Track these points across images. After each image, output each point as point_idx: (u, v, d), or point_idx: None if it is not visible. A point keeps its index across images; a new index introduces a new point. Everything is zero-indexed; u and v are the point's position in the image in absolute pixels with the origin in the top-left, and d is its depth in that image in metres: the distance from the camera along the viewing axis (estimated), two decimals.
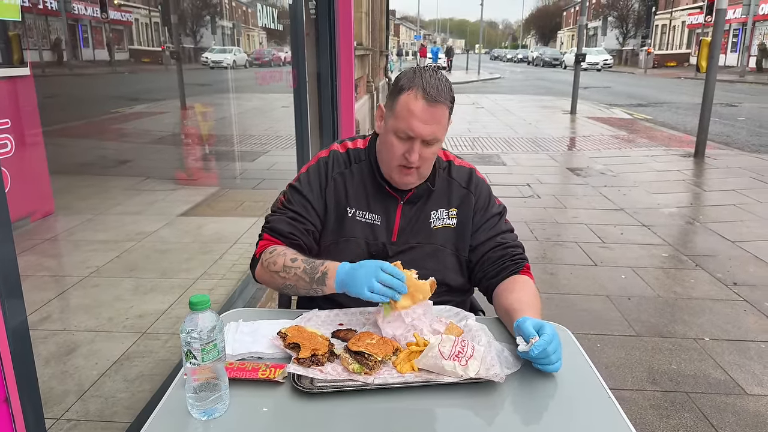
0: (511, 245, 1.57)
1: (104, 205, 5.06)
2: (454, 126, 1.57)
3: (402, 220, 1.53)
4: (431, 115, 1.37)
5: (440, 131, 1.41)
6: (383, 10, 13.58)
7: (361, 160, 1.56)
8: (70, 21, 4.53)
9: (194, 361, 1.03)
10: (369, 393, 1.14)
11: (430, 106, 1.37)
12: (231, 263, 3.78)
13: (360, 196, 1.53)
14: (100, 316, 3.01)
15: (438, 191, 1.55)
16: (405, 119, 1.38)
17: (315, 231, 1.53)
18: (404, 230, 1.53)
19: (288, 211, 1.53)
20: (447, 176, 1.58)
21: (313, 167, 1.57)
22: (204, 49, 6.65)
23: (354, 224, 1.52)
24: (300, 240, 1.50)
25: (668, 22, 44.74)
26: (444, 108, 1.40)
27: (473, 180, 1.59)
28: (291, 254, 1.43)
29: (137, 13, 5.56)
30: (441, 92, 1.38)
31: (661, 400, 2.56)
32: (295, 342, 1.22)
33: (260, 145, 7.58)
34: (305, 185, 1.54)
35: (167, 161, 6.65)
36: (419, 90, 1.37)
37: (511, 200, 5.77)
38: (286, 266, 1.41)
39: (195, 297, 1.03)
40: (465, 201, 1.56)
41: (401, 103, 1.39)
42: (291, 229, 1.50)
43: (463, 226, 1.55)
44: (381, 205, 1.53)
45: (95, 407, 2.29)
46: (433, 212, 1.54)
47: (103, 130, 6.24)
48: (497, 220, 1.58)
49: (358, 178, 1.55)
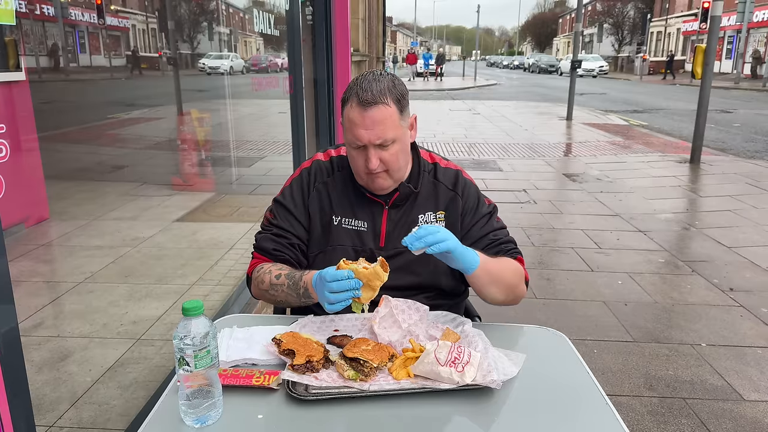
0: (504, 241, 1.58)
1: (100, 211, 5.04)
2: (451, 131, 1.56)
3: (389, 225, 1.53)
4: (370, 119, 1.38)
5: (387, 131, 1.39)
6: (380, 17, 13.64)
7: (344, 168, 1.57)
8: (67, 27, 4.54)
9: (187, 368, 1.02)
10: (364, 400, 1.13)
11: (366, 110, 1.38)
12: (227, 269, 3.77)
13: (344, 204, 1.54)
14: (95, 322, 2.99)
15: (425, 194, 1.55)
16: (350, 130, 1.41)
17: (301, 244, 1.55)
18: (391, 235, 1.52)
19: (273, 227, 1.56)
20: (433, 179, 1.58)
21: (296, 179, 1.59)
22: (201, 55, 6.65)
23: (340, 232, 1.52)
24: (286, 255, 1.52)
25: (663, 29, 45.00)
26: (383, 107, 1.39)
27: (460, 181, 1.59)
28: (276, 271, 1.46)
29: (134, 18, 5.56)
30: (377, 94, 1.38)
31: (658, 406, 2.55)
32: (289, 348, 1.21)
33: (257, 150, 7.57)
34: (288, 199, 1.56)
35: (163, 167, 6.63)
36: (354, 98, 1.39)
37: (507, 206, 5.77)
38: (272, 284, 1.45)
39: (188, 303, 1.02)
40: (452, 203, 1.56)
41: (345, 116, 1.43)
42: (275, 245, 1.53)
43: (452, 228, 1.55)
44: (366, 211, 1.53)
45: (88, 414, 2.27)
46: (421, 216, 1.54)
47: (99, 135, 6.23)
48: (488, 219, 1.59)
49: (341, 186, 1.55)
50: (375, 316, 1.34)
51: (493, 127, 12.18)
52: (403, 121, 1.45)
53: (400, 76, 1.58)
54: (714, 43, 7.79)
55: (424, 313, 1.39)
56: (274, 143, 7.70)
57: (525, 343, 1.36)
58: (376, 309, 1.36)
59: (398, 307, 1.37)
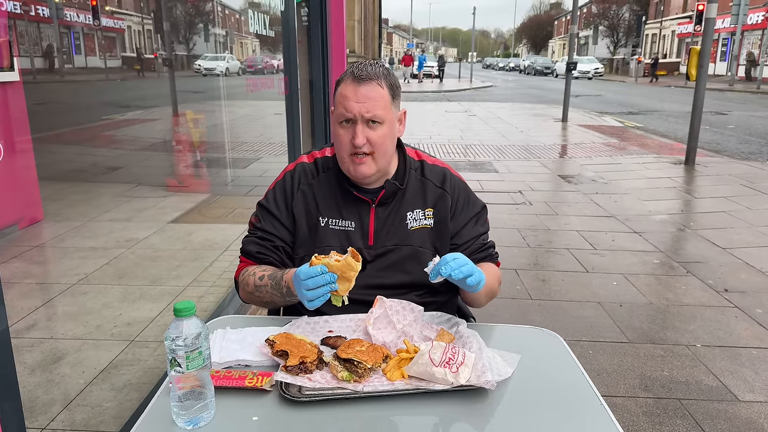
0: (490, 246, 1.63)
1: (94, 212, 5.02)
2: (446, 133, 1.56)
3: (377, 223, 1.52)
4: (363, 93, 1.41)
5: (378, 108, 1.42)
6: (376, 19, 13.65)
7: (329, 168, 1.57)
8: (62, 28, 4.52)
9: (179, 369, 1.01)
10: (358, 401, 1.12)
11: (360, 84, 1.41)
12: (221, 270, 3.75)
13: (331, 205, 1.54)
14: (88, 324, 2.97)
15: (412, 192, 1.55)
16: (341, 104, 1.43)
17: (286, 246, 1.55)
18: (380, 233, 1.52)
19: (258, 231, 1.57)
20: (420, 176, 1.58)
21: (279, 183, 1.59)
22: (197, 57, 6.64)
23: (328, 233, 1.52)
24: (270, 257, 1.53)
25: (658, 31, 45.21)
26: (376, 85, 1.42)
27: (448, 179, 1.59)
28: (259, 273, 1.48)
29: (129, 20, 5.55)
30: (372, 73, 1.43)
31: (653, 407, 2.55)
32: (283, 349, 1.20)
33: (252, 152, 7.56)
34: (272, 203, 1.57)
35: (159, 168, 6.61)
36: (349, 76, 1.44)
37: (503, 207, 5.78)
38: (256, 285, 1.47)
39: (180, 303, 1.01)
40: (441, 200, 1.56)
41: (337, 94, 1.46)
42: (259, 248, 1.54)
43: (441, 225, 1.56)
44: (353, 210, 1.53)
45: (81, 417, 2.25)
46: (409, 213, 1.54)
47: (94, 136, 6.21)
48: (477, 220, 1.60)
49: (326, 187, 1.55)
50: (369, 317, 1.34)
51: (489, 128, 12.19)
52: (393, 107, 1.47)
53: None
54: (708, 46, 7.82)
55: (418, 313, 1.38)
56: (270, 144, 7.69)
57: (519, 343, 1.35)
58: (371, 310, 1.35)
59: (393, 308, 1.36)
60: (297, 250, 1.55)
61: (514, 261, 4.29)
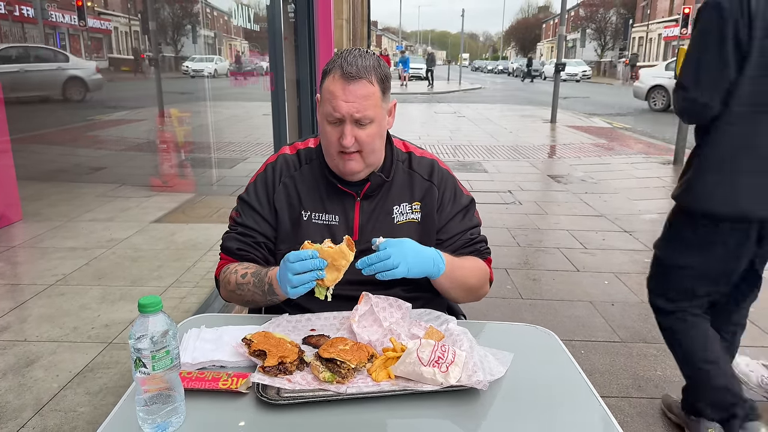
0: (479, 240, 1.55)
1: (75, 212, 4.89)
2: (436, 133, 1.50)
3: (362, 218, 1.45)
4: (352, 92, 1.32)
5: (367, 108, 1.33)
6: (365, 19, 13.61)
7: (312, 160, 1.50)
8: (48, 29, 4.45)
9: (144, 370, 0.93)
10: (341, 404, 1.04)
11: (349, 83, 1.32)
12: (205, 270, 3.66)
13: (314, 198, 1.46)
14: (65, 326, 2.87)
15: (399, 184, 1.49)
16: (329, 102, 1.34)
17: (268, 242, 1.48)
18: (365, 228, 1.45)
19: (238, 226, 1.49)
20: (408, 168, 1.51)
21: (261, 175, 1.51)
22: (185, 58, 6.55)
23: (310, 228, 1.45)
24: (252, 254, 1.46)
25: (645, 34, 45.63)
26: (366, 83, 1.33)
27: (436, 171, 1.52)
28: (242, 270, 1.40)
29: (116, 21, 5.46)
30: (362, 69, 1.33)
31: (647, 407, 2.50)
32: (261, 349, 1.12)
33: (239, 152, 7.46)
34: (252, 196, 1.49)
35: (143, 168, 6.48)
36: (337, 70, 1.34)
37: (492, 206, 5.73)
38: (238, 284, 1.39)
39: (145, 298, 0.93)
40: (428, 194, 1.50)
41: (324, 88, 1.36)
42: (240, 245, 1.46)
43: (429, 219, 1.49)
44: (337, 204, 1.46)
45: (54, 422, 2.15)
46: (396, 207, 1.47)
47: (78, 137, 6.08)
48: (464, 214, 1.53)
49: (309, 179, 1.48)
50: (354, 314, 1.26)
51: (478, 129, 12.16)
52: (384, 103, 1.38)
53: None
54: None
55: (406, 310, 1.31)
56: (257, 145, 7.60)
57: (512, 341, 1.28)
58: (356, 306, 1.28)
59: (379, 305, 1.29)
60: (279, 245, 1.47)
61: (505, 260, 4.23)
